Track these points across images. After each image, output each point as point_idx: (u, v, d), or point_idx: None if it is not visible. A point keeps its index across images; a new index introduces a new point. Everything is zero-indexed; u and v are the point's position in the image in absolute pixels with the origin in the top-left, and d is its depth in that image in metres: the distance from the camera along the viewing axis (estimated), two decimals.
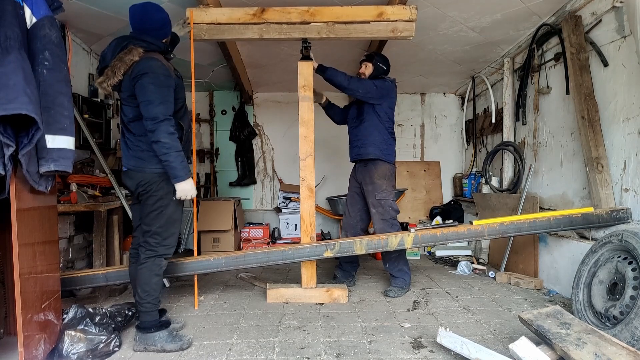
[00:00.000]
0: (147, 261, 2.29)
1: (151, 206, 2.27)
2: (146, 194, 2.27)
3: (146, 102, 2.12)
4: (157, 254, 2.31)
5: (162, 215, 2.28)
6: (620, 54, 2.69)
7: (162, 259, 2.33)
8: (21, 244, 1.79)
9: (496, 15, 3.33)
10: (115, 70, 2.15)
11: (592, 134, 2.84)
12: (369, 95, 3.19)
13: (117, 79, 2.16)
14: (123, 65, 2.15)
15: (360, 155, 3.31)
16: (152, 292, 2.28)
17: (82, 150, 3.66)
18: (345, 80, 3.11)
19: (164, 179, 2.25)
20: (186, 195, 2.25)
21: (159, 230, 2.29)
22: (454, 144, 5.69)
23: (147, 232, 2.30)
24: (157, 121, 2.11)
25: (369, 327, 2.59)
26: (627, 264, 2.26)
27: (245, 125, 5.52)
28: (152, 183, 2.25)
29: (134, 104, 2.21)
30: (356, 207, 3.46)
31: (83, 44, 3.82)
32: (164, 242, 2.32)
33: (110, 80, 2.16)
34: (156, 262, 2.30)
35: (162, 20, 2.33)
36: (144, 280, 2.28)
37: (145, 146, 2.22)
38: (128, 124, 2.28)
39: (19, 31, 1.71)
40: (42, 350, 1.96)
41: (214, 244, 4.61)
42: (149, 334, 2.26)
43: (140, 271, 2.29)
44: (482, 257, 4.30)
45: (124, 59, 2.15)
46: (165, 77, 2.19)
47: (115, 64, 2.16)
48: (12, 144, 1.69)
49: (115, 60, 2.17)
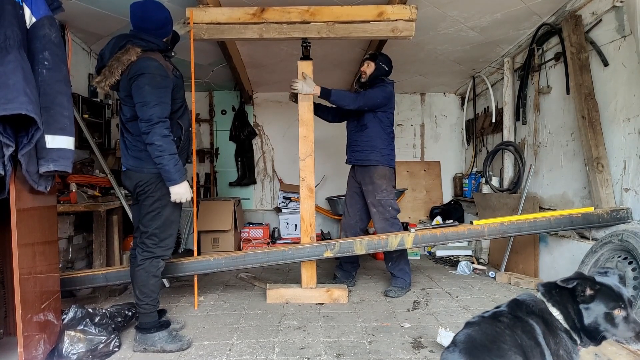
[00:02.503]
0: (144, 262, 2.28)
1: (148, 207, 2.26)
2: (144, 194, 2.25)
3: (141, 104, 2.09)
4: (154, 255, 2.29)
5: (159, 216, 2.27)
6: (621, 54, 2.69)
7: (160, 260, 2.32)
8: (21, 244, 1.79)
9: (496, 14, 3.33)
10: (113, 70, 2.13)
11: (592, 133, 2.84)
12: (373, 107, 3.20)
13: (115, 79, 2.14)
14: (120, 65, 2.13)
15: (360, 161, 3.31)
16: (150, 294, 2.28)
17: (82, 150, 3.65)
18: (352, 101, 3.08)
19: (161, 179, 2.23)
20: (180, 199, 2.23)
21: (156, 231, 2.28)
22: (454, 144, 5.69)
23: (144, 233, 2.28)
24: (151, 123, 2.08)
25: (369, 327, 2.59)
26: (627, 264, 2.26)
27: (245, 125, 5.52)
28: (150, 184, 2.24)
29: (131, 103, 2.19)
30: (356, 207, 3.45)
31: (83, 44, 3.82)
32: (161, 243, 2.31)
33: (107, 80, 2.14)
34: (153, 263, 2.29)
35: (163, 19, 2.30)
36: (142, 282, 2.27)
37: (143, 146, 2.20)
38: (126, 123, 2.27)
39: (18, 31, 1.71)
40: (42, 350, 1.96)
41: (213, 244, 4.61)
42: (148, 335, 2.26)
43: (137, 273, 2.28)
44: (483, 257, 4.30)
45: (121, 59, 2.13)
46: (162, 78, 2.15)
47: (112, 63, 2.14)
48: (11, 144, 1.69)
49: (113, 60, 2.15)
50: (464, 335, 1.33)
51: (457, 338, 1.35)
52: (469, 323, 1.39)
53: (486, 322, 1.36)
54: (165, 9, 2.32)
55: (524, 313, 1.38)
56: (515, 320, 1.35)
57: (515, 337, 1.28)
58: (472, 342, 1.30)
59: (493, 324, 1.34)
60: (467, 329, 1.36)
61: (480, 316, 1.41)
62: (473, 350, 1.27)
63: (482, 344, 1.28)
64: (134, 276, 2.31)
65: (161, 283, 2.37)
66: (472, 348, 1.27)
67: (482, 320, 1.38)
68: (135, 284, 2.29)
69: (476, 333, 1.33)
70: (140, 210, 2.29)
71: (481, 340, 1.30)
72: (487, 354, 1.24)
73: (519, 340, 1.28)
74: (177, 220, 2.40)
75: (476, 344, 1.29)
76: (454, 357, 1.28)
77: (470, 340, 1.31)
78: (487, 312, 1.43)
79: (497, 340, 1.28)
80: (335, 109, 3.52)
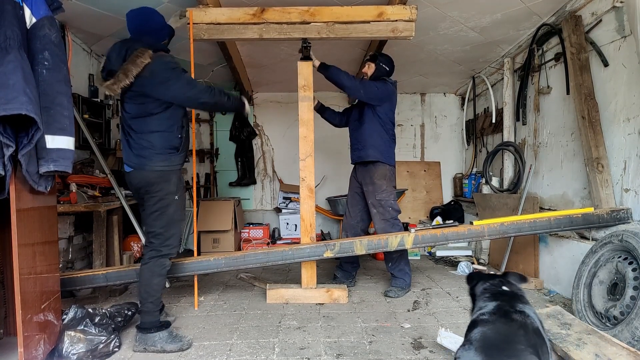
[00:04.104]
0: (150, 261, 2.32)
1: (152, 207, 2.30)
2: (147, 194, 2.30)
3: (190, 86, 2.30)
4: (161, 254, 2.34)
5: (163, 215, 2.31)
6: (621, 54, 2.69)
7: (166, 259, 2.36)
8: (21, 244, 1.79)
9: (496, 15, 3.33)
10: (127, 72, 2.18)
11: (592, 134, 2.84)
12: (370, 97, 3.19)
13: (129, 81, 2.19)
14: (135, 68, 2.19)
15: (360, 158, 3.31)
16: (153, 293, 2.30)
17: (82, 151, 3.65)
18: (348, 80, 3.10)
19: (164, 179, 2.28)
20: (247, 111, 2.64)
21: (160, 230, 2.32)
22: (454, 144, 5.69)
23: (150, 233, 2.34)
24: (199, 92, 2.33)
25: (369, 328, 2.59)
26: (627, 264, 2.25)
27: (245, 125, 5.51)
28: (153, 184, 2.27)
29: (138, 101, 2.26)
30: (357, 208, 3.45)
31: (83, 44, 3.82)
32: (167, 242, 2.34)
33: (121, 83, 2.19)
34: (159, 262, 2.33)
35: (160, 23, 2.43)
36: (145, 281, 2.31)
37: (147, 144, 2.26)
38: (131, 120, 2.31)
39: (18, 31, 1.71)
40: (42, 350, 1.96)
41: (213, 244, 4.61)
42: (149, 334, 2.27)
43: (142, 271, 2.33)
44: (483, 258, 4.30)
45: (136, 62, 2.18)
46: (181, 67, 2.35)
47: (128, 67, 2.18)
48: (11, 144, 1.69)
49: (128, 63, 2.19)
50: (479, 334, 1.34)
51: (472, 336, 1.35)
52: (483, 321, 1.39)
53: (500, 321, 1.37)
54: (160, 14, 2.43)
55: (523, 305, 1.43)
56: (524, 317, 1.37)
57: (529, 337, 1.30)
58: (487, 340, 1.30)
59: (507, 323, 1.36)
60: (482, 327, 1.37)
61: (490, 313, 1.42)
62: (488, 349, 1.27)
63: (496, 343, 1.29)
64: (139, 274, 2.37)
65: (163, 283, 2.40)
66: (488, 347, 1.28)
67: (495, 319, 1.39)
68: (140, 282, 2.35)
69: (491, 332, 1.34)
70: (145, 211, 2.35)
71: (495, 339, 1.31)
72: (503, 354, 1.25)
73: (532, 340, 1.29)
74: (182, 218, 2.44)
75: (491, 343, 1.29)
76: (469, 355, 1.28)
77: (486, 338, 1.31)
78: (490, 306, 1.44)
79: (512, 341, 1.29)
80: (341, 113, 3.55)
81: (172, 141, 2.32)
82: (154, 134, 2.27)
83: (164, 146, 2.29)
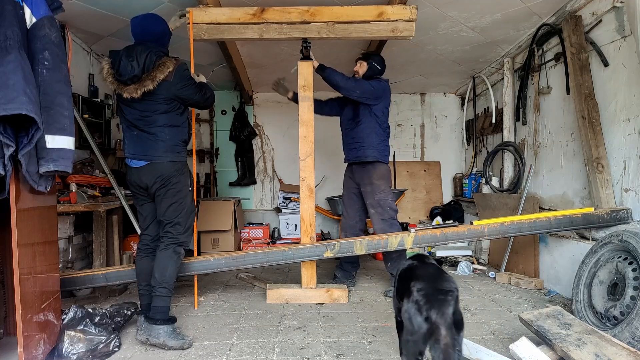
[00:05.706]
0: (169, 248, 2.43)
1: (171, 198, 2.43)
2: (164, 187, 2.41)
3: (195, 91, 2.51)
4: (179, 242, 2.47)
5: (182, 206, 2.47)
6: (621, 54, 2.69)
7: (182, 247, 2.51)
8: (21, 244, 1.79)
9: (496, 15, 3.33)
10: (154, 79, 2.31)
11: (592, 134, 2.84)
12: (365, 96, 3.19)
13: (153, 86, 2.31)
14: (161, 75, 2.33)
15: (358, 158, 3.31)
16: (167, 279, 2.40)
17: (82, 150, 3.65)
18: (343, 80, 3.11)
19: (180, 171, 2.45)
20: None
21: (180, 220, 2.46)
22: (454, 144, 5.69)
23: (168, 224, 2.45)
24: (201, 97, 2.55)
25: (369, 327, 2.59)
26: (627, 264, 2.25)
27: (245, 125, 5.52)
28: (171, 176, 2.41)
29: (155, 100, 2.37)
30: (354, 208, 3.45)
31: (83, 44, 3.82)
32: (186, 232, 2.51)
33: (145, 88, 2.30)
34: (176, 249, 2.46)
35: (164, 30, 2.55)
36: (162, 265, 2.40)
37: (163, 136, 2.39)
38: (142, 117, 2.38)
39: (18, 31, 1.71)
40: (42, 350, 1.96)
41: (213, 244, 4.61)
42: (154, 326, 2.29)
43: (159, 257, 2.43)
44: (483, 258, 4.30)
45: (162, 69, 2.33)
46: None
47: (155, 74, 2.31)
48: (12, 144, 1.69)
49: (155, 71, 2.32)
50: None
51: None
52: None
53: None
54: (163, 20, 2.54)
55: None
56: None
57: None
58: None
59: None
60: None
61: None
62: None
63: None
64: (143, 269, 2.50)
65: (178, 270, 2.57)
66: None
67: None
68: (155, 267, 2.42)
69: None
70: (162, 204, 2.43)
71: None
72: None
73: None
74: (195, 210, 2.64)
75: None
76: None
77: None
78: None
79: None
80: (324, 103, 3.56)
81: (183, 135, 2.51)
82: (172, 128, 2.42)
83: (176, 140, 2.45)
